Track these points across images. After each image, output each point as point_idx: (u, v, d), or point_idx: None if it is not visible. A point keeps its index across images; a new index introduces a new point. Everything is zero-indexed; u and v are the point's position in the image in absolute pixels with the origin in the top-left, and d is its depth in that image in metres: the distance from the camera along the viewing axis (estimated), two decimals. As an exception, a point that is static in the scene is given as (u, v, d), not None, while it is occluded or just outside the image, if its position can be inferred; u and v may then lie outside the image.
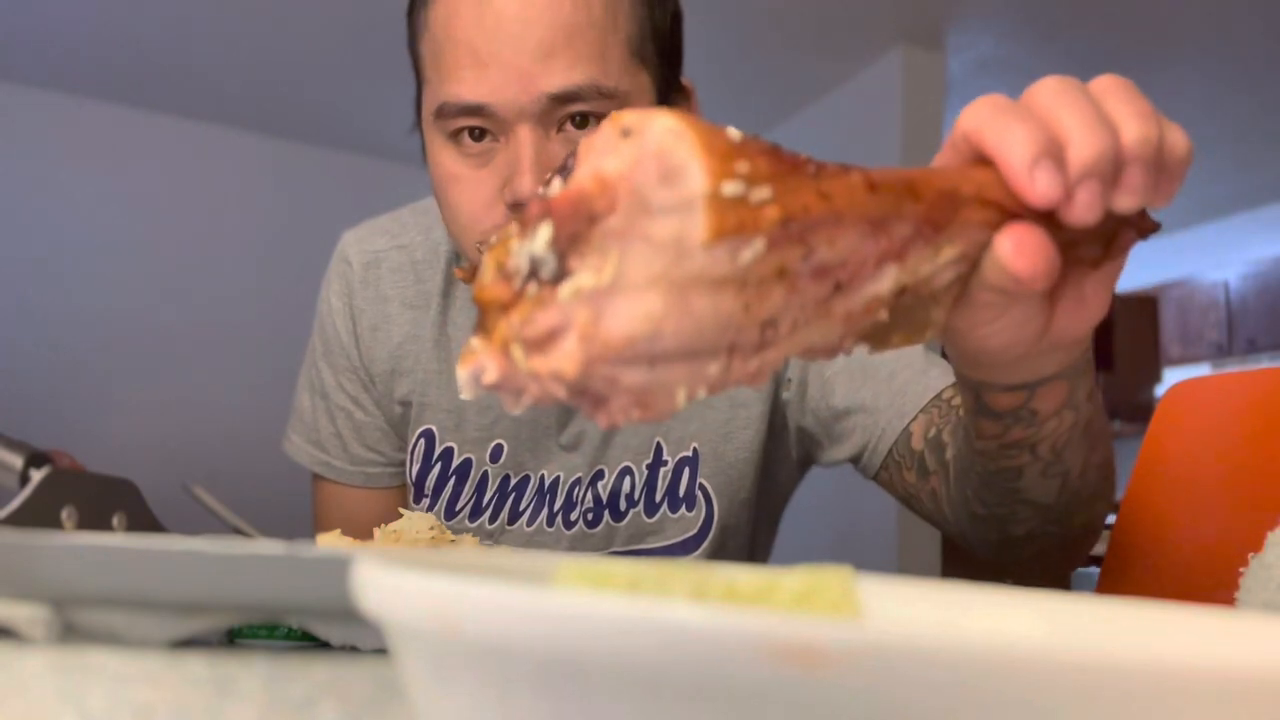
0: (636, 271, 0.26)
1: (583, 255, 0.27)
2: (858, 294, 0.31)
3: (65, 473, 0.56)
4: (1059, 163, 0.33)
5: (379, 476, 0.85)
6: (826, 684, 0.12)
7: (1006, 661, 0.12)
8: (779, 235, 0.27)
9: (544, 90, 0.62)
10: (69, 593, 0.36)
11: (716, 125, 0.28)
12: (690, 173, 0.26)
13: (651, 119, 0.27)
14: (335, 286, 0.84)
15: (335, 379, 0.84)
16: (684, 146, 0.26)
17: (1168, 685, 0.13)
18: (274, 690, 0.31)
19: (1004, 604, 0.24)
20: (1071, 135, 0.33)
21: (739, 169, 0.26)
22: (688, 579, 0.20)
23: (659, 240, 0.26)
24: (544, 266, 0.27)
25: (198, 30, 3.03)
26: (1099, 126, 0.33)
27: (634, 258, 0.26)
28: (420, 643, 0.16)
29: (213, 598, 0.36)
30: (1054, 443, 0.50)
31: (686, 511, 0.78)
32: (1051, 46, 3.04)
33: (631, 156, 0.26)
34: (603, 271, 0.26)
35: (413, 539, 0.55)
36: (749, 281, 0.27)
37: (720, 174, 0.26)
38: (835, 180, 0.29)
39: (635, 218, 0.26)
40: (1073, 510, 0.57)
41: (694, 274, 0.26)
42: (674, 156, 0.26)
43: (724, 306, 0.27)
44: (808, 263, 0.29)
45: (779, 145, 0.28)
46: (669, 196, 0.26)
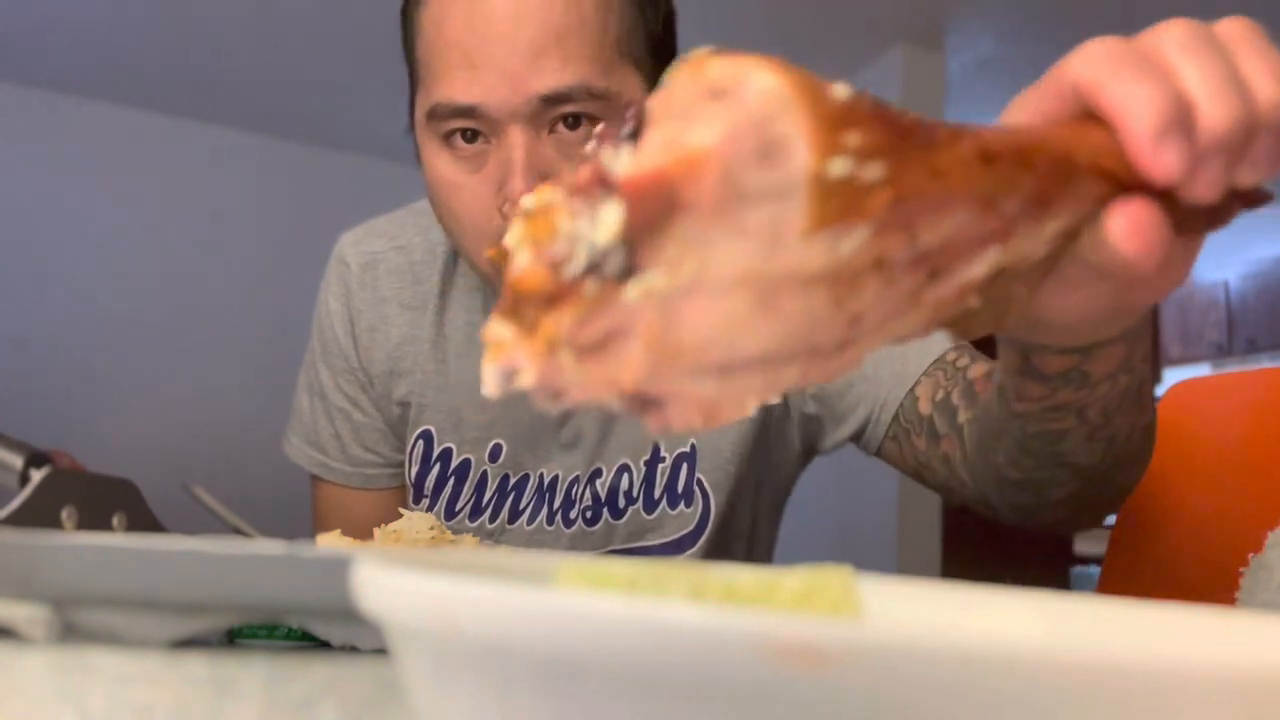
0: (721, 269, 0.22)
1: (657, 247, 0.22)
2: (953, 279, 0.26)
3: (65, 473, 0.56)
4: (1188, 134, 0.28)
5: (378, 478, 0.85)
6: (826, 684, 0.12)
7: (1006, 661, 0.12)
8: (885, 221, 0.23)
9: (535, 91, 0.62)
10: (69, 593, 0.36)
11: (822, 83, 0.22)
12: (795, 149, 0.21)
13: (748, 74, 0.21)
14: (333, 288, 0.84)
15: (333, 380, 0.84)
16: (789, 115, 0.21)
17: (1168, 685, 0.13)
18: (274, 690, 0.31)
19: (1004, 604, 0.24)
20: (1201, 100, 0.29)
21: (849, 142, 0.22)
22: (687, 579, 0.20)
23: (753, 230, 0.22)
24: (610, 260, 0.21)
25: (198, 30, 3.03)
26: (1231, 90, 0.29)
27: (720, 252, 0.22)
28: (420, 643, 0.16)
29: (213, 598, 0.36)
30: (1104, 406, 0.47)
31: (685, 508, 0.79)
32: (1051, 46, 3.03)
33: (725, 127, 0.21)
34: (680, 268, 0.22)
35: (412, 539, 0.55)
36: (843, 275, 0.23)
37: (829, 149, 0.21)
38: (947, 152, 0.24)
39: (726, 204, 0.21)
40: (1115, 473, 0.54)
41: (786, 270, 0.22)
42: (776, 127, 0.21)
43: (815, 305, 0.23)
44: (909, 250, 0.24)
45: (885, 102, 0.23)
46: (767, 178, 0.21)
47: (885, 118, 0.23)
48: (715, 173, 0.21)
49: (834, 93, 0.22)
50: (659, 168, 0.21)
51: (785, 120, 0.21)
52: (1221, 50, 0.30)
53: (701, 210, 0.21)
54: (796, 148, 0.21)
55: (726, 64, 0.22)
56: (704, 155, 0.21)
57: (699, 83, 0.22)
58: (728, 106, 0.21)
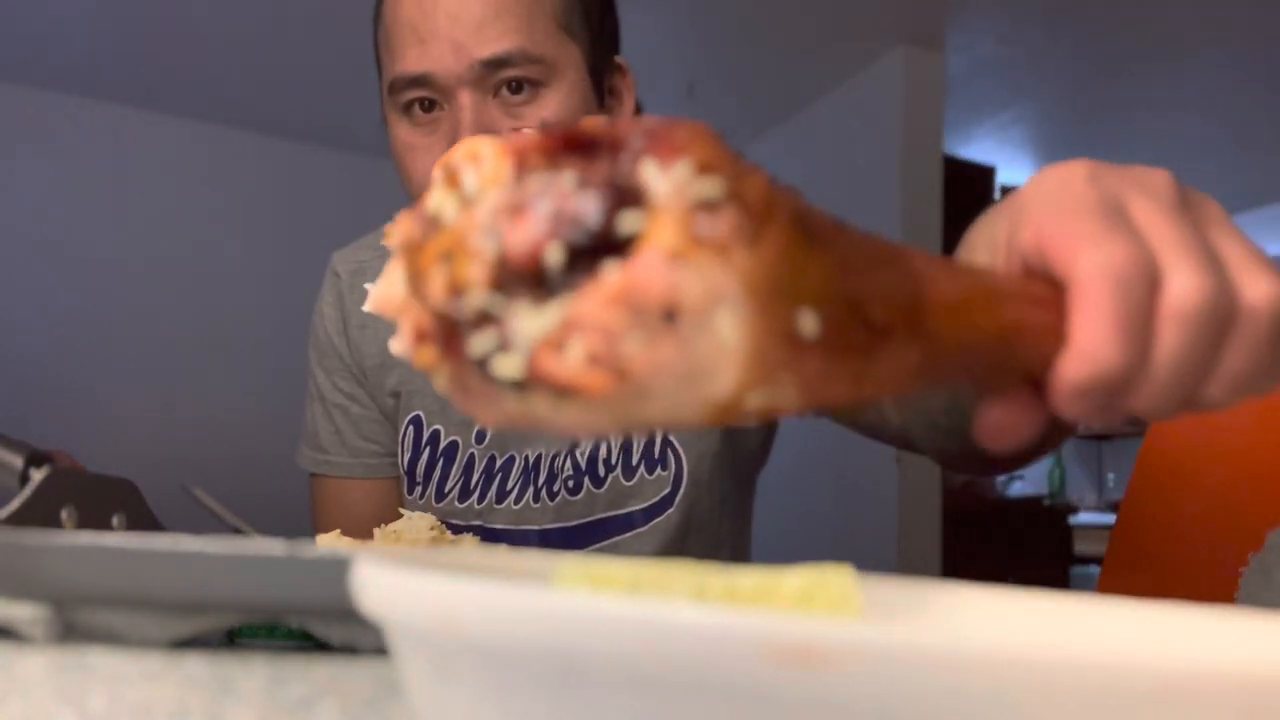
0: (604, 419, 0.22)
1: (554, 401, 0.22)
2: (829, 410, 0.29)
3: (65, 473, 0.56)
4: (1115, 398, 0.28)
5: (379, 467, 0.88)
6: (826, 684, 0.12)
7: (1006, 661, 0.12)
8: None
9: (477, 57, 0.71)
10: (69, 593, 0.36)
11: (794, 295, 0.21)
12: (719, 382, 0.21)
13: (713, 313, 0.20)
14: (327, 297, 0.90)
15: (330, 381, 0.89)
16: (727, 361, 0.21)
17: (1168, 685, 0.13)
18: (274, 690, 0.31)
19: (1004, 604, 0.24)
20: (1151, 378, 0.28)
21: (780, 381, 0.22)
22: (688, 579, 0.20)
23: (648, 416, 0.22)
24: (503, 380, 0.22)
25: (198, 30, 3.03)
26: (1184, 383, 0.28)
27: (609, 413, 0.22)
28: (420, 643, 0.16)
29: (213, 598, 0.36)
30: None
31: (661, 470, 0.82)
32: (1052, 47, 3.04)
33: (660, 358, 0.20)
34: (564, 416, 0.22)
35: (413, 539, 0.55)
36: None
37: (753, 387, 0.21)
38: (887, 363, 0.24)
39: (633, 401, 0.21)
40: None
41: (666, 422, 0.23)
42: (708, 366, 0.21)
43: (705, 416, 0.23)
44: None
45: (858, 308, 0.23)
46: (684, 395, 0.21)
47: (835, 343, 0.22)
48: (629, 391, 0.20)
49: (795, 328, 0.21)
50: (579, 379, 0.20)
51: (723, 363, 0.20)
52: (1219, 330, 0.28)
53: (605, 405, 0.21)
54: (723, 382, 0.21)
55: (703, 278, 0.20)
56: (622, 379, 0.20)
57: (673, 286, 0.20)
58: (678, 340, 0.20)
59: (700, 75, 3.16)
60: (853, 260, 0.23)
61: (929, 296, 0.25)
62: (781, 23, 2.88)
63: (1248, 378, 0.29)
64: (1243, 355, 0.29)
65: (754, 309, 0.20)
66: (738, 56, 3.11)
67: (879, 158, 3.03)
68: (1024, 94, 3.39)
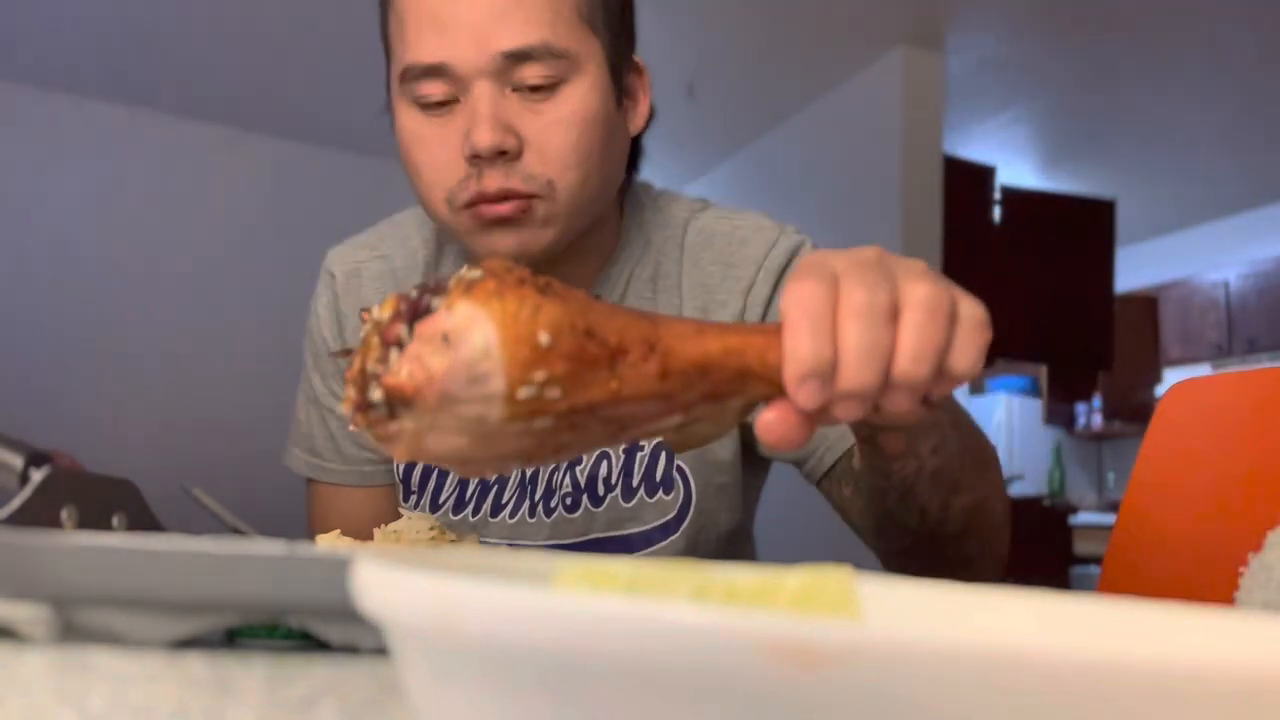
0: (448, 426, 0.36)
1: (409, 411, 0.36)
2: (643, 429, 0.40)
3: (65, 473, 0.56)
4: (826, 382, 0.38)
5: (373, 474, 0.86)
6: (826, 684, 0.12)
7: (1006, 661, 0.12)
8: (565, 414, 0.36)
9: (499, 48, 0.67)
10: (69, 593, 0.36)
11: (534, 322, 0.35)
12: (493, 380, 0.34)
13: (470, 331, 0.34)
14: (322, 298, 0.87)
15: (324, 384, 0.87)
16: (490, 361, 0.34)
17: (1167, 685, 0.13)
18: (274, 690, 0.31)
19: (1003, 604, 0.24)
20: (847, 363, 0.38)
21: (536, 376, 0.35)
22: (688, 579, 0.20)
23: (466, 417, 0.35)
24: (380, 409, 0.37)
25: (198, 30, 3.03)
26: (872, 358, 0.39)
27: (445, 420, 0.36)
28: (420, 643, 0.16)
29: (213, 598, 0.36)
30: (903, 479, 0.58)
31: (664, 495, 0.79)
32: (1051, 46, 3.04)
33: (446, 363, 0.34)
34: (421, 423, 0.36)
35: (412, 539, 0.54)
36: (543, 433, 0.37)
37: (518, 382, 0.35)
38: (630, 369, 0.37)
39: (446, 404, 0.35)
40: (940, 542, 0.64)
41: (494, 431, 0.36)
42: (480, 367, 0.34)
43: (521, 444, 0.37)
44: (597, 420, 0.37)
45: (593, 329, 0.36)
46: (474, 393, 0.35)
47: (576, 355, 0.36)
48: (437, 393, 0.35)
49: (537, 339, 0.35)
50: (402, 383, 0.35)
51: (487, 363, 0.34)
52: (887, 326, 0.39)
53: (430, 403, 0.35)
54: (495, 379, 0.34)
55: (462, 313, 0.35)
56: (430, 381, 0.35)
57: (439, 330, 0.35)
58: (452, 350, 0.35)
59: (700, 75, 3.16)
60: (588, 308, 0.37)
61: (663, 329, 0.38)
62: (781, 23, 2.88)
63: (928, 350, 0.39)
64: (913, 333, 0.39)
65: (500, 329, 0.34)
66: (738, 56, 3.11)
67: (879, 158, 3.03)
68: (1024, 94, 3.39)
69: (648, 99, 0.79)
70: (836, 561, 0.21)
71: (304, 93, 3.46)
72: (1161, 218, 4.93)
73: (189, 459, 3.32)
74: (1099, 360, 3.83)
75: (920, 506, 0.61)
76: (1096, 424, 5.43)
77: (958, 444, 0.58)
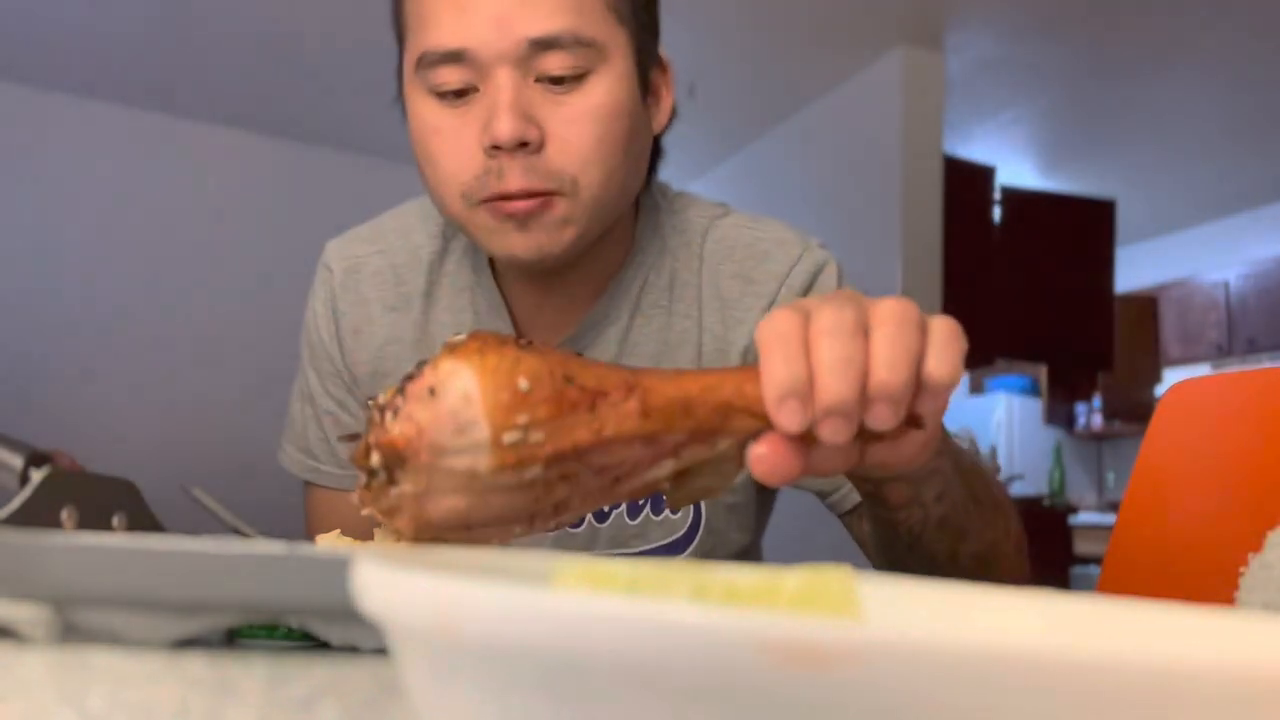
0: (444, 485, 0.38)
1: (408, 470, 0.38)
2: (637, 480, 0.41)
3: (65, 473, 0.56)
4: (805, 401, 0.39)
5: None
6: (826, 684, 0.12)
7: (1006, 661, 0.12)
8: (555, 460, 0.38)
9: (524, 34, 0.63)
10: (69, 593, 0.36)
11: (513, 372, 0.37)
12: (477, 428, 0.36)
13: (451, 380, 0.37)
14: (319, 294, 0.84)
15: (321, 384, 0.84)
16: (472, 408, 0.36)
17: (1168, 685, 0.13)
18: (274, 690, 0.31)
19: (1004, 604, 0.24)
20: (822, 378, 0.39)
21: (519, 420, 0.37)
22: (688, 579, 0.20)
23: (458, 470, 0.37)
24: (379, 475, 0.39)
25: (198, 31, 3.03)
26: (849, 375, 0.39)
27: (440, 478, 0.38)
28: (420, 643, 0.16)
29: (213, 598, 0.36)
30: (910, 528, 0.57)
31: (671, 514, 0.77)
32: (1051, 46, 3.04)
33: (432, 415, 0.37)
34: (419, 484, 0.38)
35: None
36: (536, 485, 0.38)
37: (502, 427, 0.36)
38: (611, 410, 0.38)
39: (437, 457, 0.37)
40: None
41: (488, 486, 0.37)
42: (464, 415, 0.37)
43: (517, 501, 0.38)
44: (587, 467, 0.39)
45: (572, 376, 0.38)
46: (462, 442, 0.37)
47: (555, 399, 0.37)
48: (427, 445, 0.37)
49: (517, 385, 0.37)
50: (394, 438, 0.38)
51: (470, 411, 0.37)
52: (857, 339, 0.40)
53: (424, 460, 0.37)
54: (479, 427, 0.36)
55: (444, 367, 0.38)
56: (419, 433, 0.37)
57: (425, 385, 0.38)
58: (436, 402, 0.37)
59: (700, 75, 3.15)
60: (567, 360, 0.39)
61: (641, 374, 0.40)
62: (781, 23, 2.88)
63: (901, 357, 0.40)
64: (884, 343, 0.40)
65: (479, 376, 0.37)
66: (738, 56, 3.11)
67: (879, 158, 3.03)
68: (1024, 94, 3.39)
69: (671, 96, 0.76)
70: (836, 562, 0.21)
71: (305, 93, 3.46)
72: (1161, 218, 4.93)
73: (189, 459, 3.32)
74: (1099, 360, 3.83)
75: (929, 555, 0.60)
76: (1096, 424, 5.43)
77: (963, 491, 0.57)
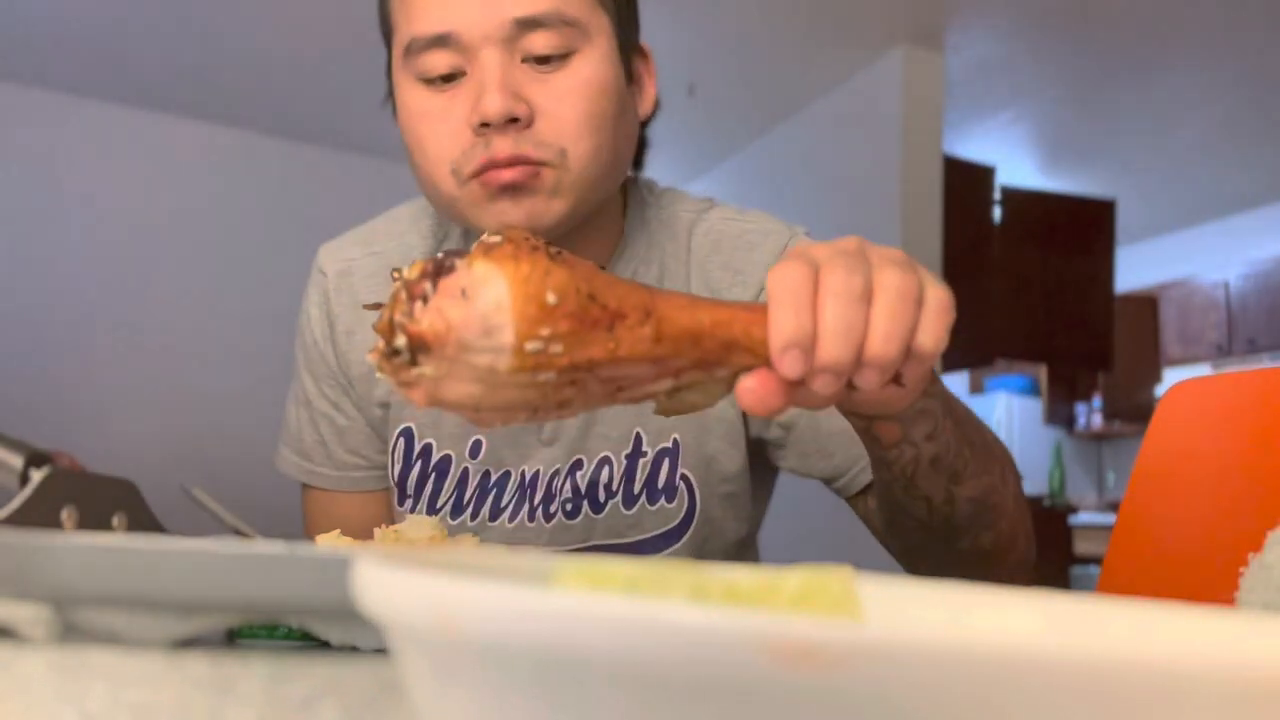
0: (463, 375, 0.41)
1: (429, 359, 0.41)
2: (637, 392, 0.44)
3: (65, 473, 0.56)
4: (806, 353, 0.42)
5: (364, 480, 0.85)
6: (826, 684, 0.12)
7: (1006, 661, 0.12)
8: (568, 370, 0.41)
9: (509, 15, 0.65)
10: (69, 593, 0.36)
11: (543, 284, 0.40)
12: (504, 333, 0.39)
13: (485, 287, 0.40)
14: (313, 297, 0.85)
15: (316, 386, 0.84)
16: (502, 315, 0.39)
17: (1168, 685, 0.13)
18: (274, 690, 0.31)
19: (1004, 604, 0.24)
20: (825, 338, 0.43)
21: (542, 332, 0.39)
22: (687, 579, 0.20)
23: (479, 365, 0.40)
24: (403, 355, 0.42)
25: (198, 30, 3.03)
26: (850, 340, 0.43)
27: (461, 369, 0.41)
28: (420, 642, 0.16)
29: (213, 598, 0.36)
30: (903, 468, 0.59)
31: (666, 503, 0.78)
32: (1051, 46, 3.04)
33: (462, 315, 0.40)
34: (439, 370, 0.41)
35: (413, 539, 0.55)
36: (547, 386, 0.41)
37: (526, 336, 0.39)
38: (627, 332, 0.42)
39: (461, 352, 0.40)
40: (950, 533, 0.64)
41: (503, 382, 0.41)
42: (493, 320, 0.39)
43: (527, 396, 0.42)
44: (595, 377, 0.42)
45: (595, 294, 0.41)
46: (487, 343, 0.40)
47: (579, 315, 0.40)
48: (454, 340, 0.40)
49: (545, 299, 0.40)
50: (424, 330, 0.40)
51: (500, 316, 0.39)
52: (861, 307, 0.43)
53: (449, 352, 0.40)
54: (505, 332, 0.39)
55: (479, 274, 0.40)
56: (448, 330, 0.40)
57: (459, 285, 0.40)
58: (469, 303, 0.40)
59: (700, 75, 3.16)
60: (592, 277, 0.42)
61: (659, 299, 0.43)
62: (781, 23, 2.88)
63: (897, 332, 0.43)
64: (884, 314, 0.43)
65: (512, 287, 0.39)
66: (738, 56, 3.11)
67: (879, 158, 3.03)
68: (1024, 94, 3.39)
69: (653, 85, 0.77)
70: (835, 560, 0.21)
71: (306, 93, 3.46)
72: (1161, 218, 4.93)
73: (189, 459, 3.32)
74: (1099, 360, 3.83)
75: (925, 496, 0.62)
76: (1096, 424, 5.43)
77: (954, 433, 0.60)
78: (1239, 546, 0.65)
